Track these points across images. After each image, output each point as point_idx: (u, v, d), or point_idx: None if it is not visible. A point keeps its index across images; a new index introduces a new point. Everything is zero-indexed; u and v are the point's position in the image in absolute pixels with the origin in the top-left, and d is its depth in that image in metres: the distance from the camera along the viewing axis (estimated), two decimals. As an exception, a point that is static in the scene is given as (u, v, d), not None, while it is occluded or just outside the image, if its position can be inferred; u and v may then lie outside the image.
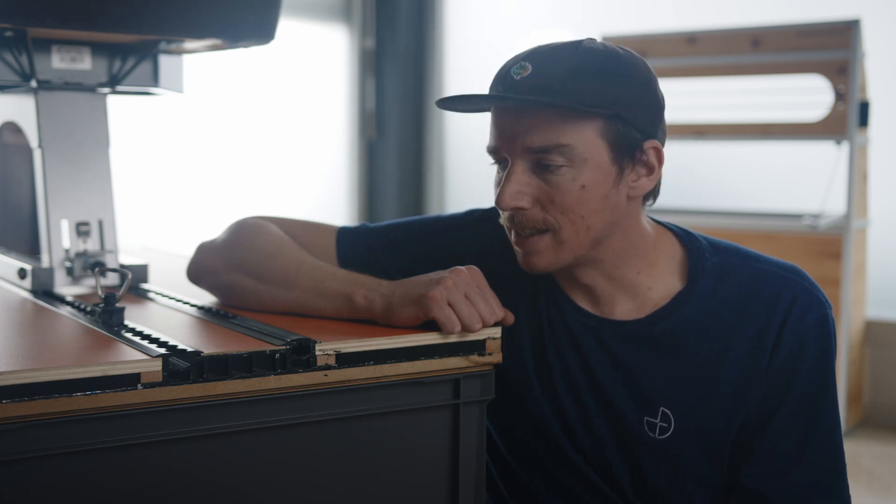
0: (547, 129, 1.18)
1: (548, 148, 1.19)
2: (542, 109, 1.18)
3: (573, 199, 1.20)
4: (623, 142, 1.21)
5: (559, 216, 1.21)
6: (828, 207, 3.86)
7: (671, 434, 1.26)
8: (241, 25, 1.50)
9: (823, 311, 1.25)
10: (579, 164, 1.19)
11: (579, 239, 1.22)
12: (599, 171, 1.20)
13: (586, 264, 1.26)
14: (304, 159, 5.14)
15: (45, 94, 1.52)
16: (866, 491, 3.24)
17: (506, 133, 1.21)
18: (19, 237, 1.71)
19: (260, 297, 1.30)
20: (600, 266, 1.27)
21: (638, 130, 1.21)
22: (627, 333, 1.28)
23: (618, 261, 1.27)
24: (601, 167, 1.20)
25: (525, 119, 1.20)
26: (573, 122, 1.18)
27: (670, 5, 4.64)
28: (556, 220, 1.21)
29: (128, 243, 1.82)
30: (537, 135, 1.19)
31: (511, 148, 1.21)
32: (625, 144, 1.21)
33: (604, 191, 1.21)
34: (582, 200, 1.20)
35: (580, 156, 1.19)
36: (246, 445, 1.07)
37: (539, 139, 1.19)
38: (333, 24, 5.27)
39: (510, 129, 1.21)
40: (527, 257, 1.24)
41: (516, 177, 1.21)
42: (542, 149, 1.19)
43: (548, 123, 1.18)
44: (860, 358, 3.93)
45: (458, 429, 1.19)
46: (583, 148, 1.19)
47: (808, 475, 1.23)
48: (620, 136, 1.20)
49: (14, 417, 0.94)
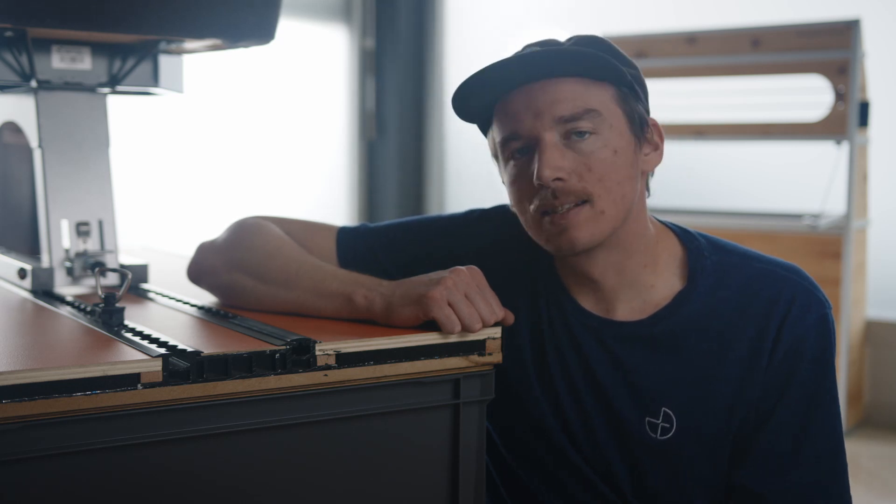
0: (573, 96, 1.20)
1: (578, 115, 1.20)
2: (566, 78, 1.20)
3: (608, 165, 1.21)
4: (634, 113, 1.24)
5: (596, 184, 1.20)
6: (828, 207, 3.86)
7: (673, 434, 1.26)
8: (241, 25, 1.50)
9: (823, 310, 1.25)
10: (606, 130, 1.21)
11: (616, 208, 1.22)
12: (623, 138, 1.23)
13: (606, 247, 1.25)
14: (304, 159, 5.14)
15: (45, 94, 1.52)
16: (866, 491, 3.24)
17: (530, 111, 1.21)
18: (19, 237, 1.71)
19: (260, 297, 1.30)
20: (613, 252, 1.26)
21: (642, 105, 1.26)
22: (628, 334, 1.28)
23: (629, 247, 1.27)
24: (623, 135, 1.23)
25: (549, 90, 1.20)
26: (595, 88, 1.21)
27: (670, 5, 4.64)
28: (595, 188, 1.20)
29: (128, 243, 1.82)
30: (565, 103, 1.20)
31: (538, 123, 1.21)
32: (636, 115, 1.24)
33: (630, 158, 1.23)
34: (616, 166, 1.21)
35: (606, 121, 1.21)
36: (246, 445, 1.07)
37: (568, 107, 1.20)
38: (333, 24, 5.27)
39: (535, 104, 1.21)
40: (569, 232, 1.21)
41: (551, 150, 1.20)
42: (573, 116, 1.20)
43: (573, 91, 1.20)
44: (860, 358, 3.93)
45: (458, 429, 1.19)
46: (608, 114, 1.21)
47: (805, 475, 1.23)
48: (632, 108, 1.24)
49: (14, 417, 0.94)
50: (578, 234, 1.21)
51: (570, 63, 1.20)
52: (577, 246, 1.22)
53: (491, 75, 1.21)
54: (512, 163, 1.25)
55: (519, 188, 1.24)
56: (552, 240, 1.23)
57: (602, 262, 1.27)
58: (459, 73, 5.34)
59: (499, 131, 1.25)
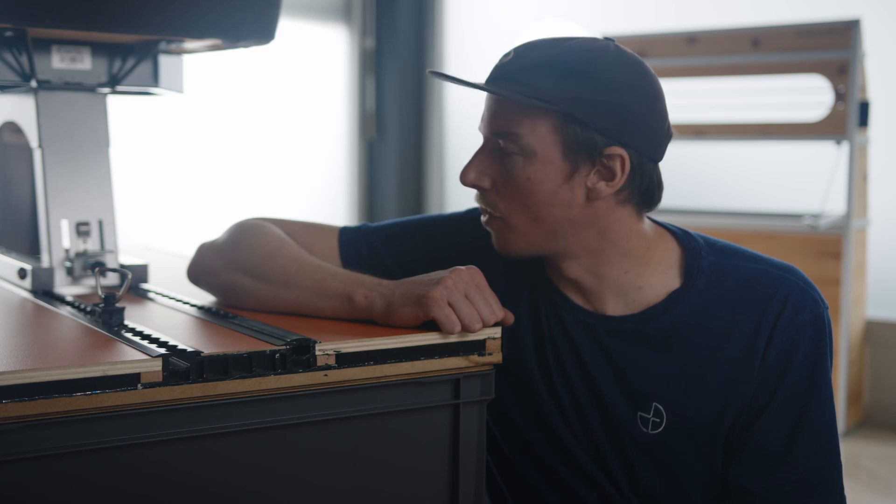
0: (505, 116, 1.23)
1: (502, 134, 1.23)
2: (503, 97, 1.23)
3: (518, 187, 1.23)
4: (577, 142, 1.20)
5: (508, 202, 1.25)
6: (828, 207, 3.87)
7: (663, 430, 1.26)
8: (241, 25, 1.50)
9: (818, 310, 1.25)
10: (529, 155, 1.22)
11: (528, 228, 1.25)
12: (549, 166, 1.22)
13: (564, 256, 1.27)
14: (304, 159, 5.14)
15: (45, 94, 1.52)
16: (866, 491, 3.24)
17: (484, 115, 1.27)
18: (19, 237, 1.71)
19: (260, 297, 1.30)
20: (579, 261, 1.27)
21: (599, 134, 1.20)
22: (620, 329, 1.28)
23: (598, 259, 1.27)
24: (552, 163, 1.22)
25: (494, 105, 1.25)
26: (529, 114, 1.21)
27: (670, 5, 4.64)
28: (506, 206, 1.25)
29: (128, 243, 1.82)
30: (497, 120, 1.24)
31: (483, 130, 1.27)
32: (579, 145, 1.20)
33: (552, 186, 1.22)
34: (526, 191, 1.23)
35: (530, 147, 1.22)
36: (246, 445, 1.07)
37: (497, 124, 1.24)
38: (333, 24, 5.27)
39: (485, 111, 1.27)
40: (493, 237, 1.29)
41: (480, 156, 1.26)
42: (498, 133, 1.24)
43: (507, 111, 1.23)
44: (860, 358, 3.93)
45: (458, 429, 1.19)
46: (533, 140, 1.21)
47: (797, 472, 1.23)
48: (575, 137, 1.20)
49: (14, 417, 0.94)
50: (498, 242, 1.29)
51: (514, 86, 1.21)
52: (502, 252, 1.29)
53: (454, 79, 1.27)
54: None
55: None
56: None
57: (570, 265, 1.29)
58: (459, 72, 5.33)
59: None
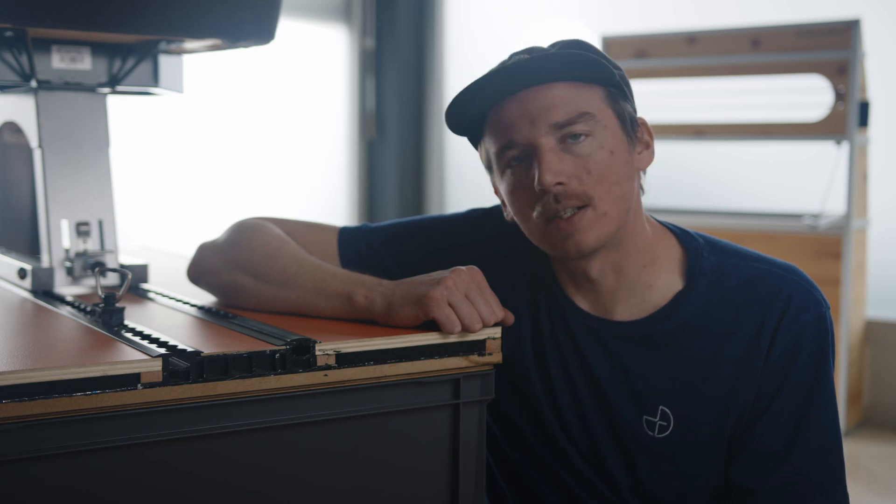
0: (566, 100, 1.21)
1: (573, 119, 1.20)
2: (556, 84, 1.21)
3: (605, 166, 1.21)
4: (624, 112, 1.25)
5: (596, 187, 1.21)
6: (828, 207, 3.87)
7: (670, 433, 1.26)
8: (241, 25, 1.50)
9: (820, 310, 1.25)
10: (601, 132, 1.22)
11: (617, 208, 1.23)
12: (617, 138, 1.23)
13: (606, 247, 1.25)
14: (304, 159, 5.14)
15: (45, 94, 1.52)
16: (866, 491, 3.24)
17: (524, 119, 1.21)
18: (19, 237, 1.71)
19: (260, 296, 1.30)
20: (615, 250, 1.26)
21: (630, 105, 1.26)
22: (626, 334, 1.28)
23: (623, 249, 1.27)
24: (617, 135, 1.23)
25: (541, 98, 1.21)
26: (586, 91, 1.21)
27: (670, 5, 4.64)
28: (595, 190, 1.21)
29: (128, 243, 1.82)
30: (559, 108, 1.20)
31: (534, 131, 1.21)
32: (626, 115, 1.25)
33: (626, 157, 1.24)
34: (613, 166, 1.22)
35: (600, 123, 1.22)
36: (246, 445, 1.07)
37: (562, 112, 1.20)
38: (333, 24, 5.27)
39: (529, 111, 1.21)
40: (575, 237, 1.21)
41: (549, 155, 1.20)
42: (568, 120, 1.20)
43: (565, 96, 1.21)
44: (860, 358, 3.93)
45: (458, 429, 1.19)
46: (601, 115, 1.22)
47: (799, 472, 1.23)
48: (622, 107, 1.25)
49: (14, 417, 0.94)
50: (585, 238, 1.21)
51: (561, 67, 1.21)
52: (585, 249, 1.22)
53: (481, 86, 1.22)
54: (509, 171, 1.25)
55: (520, 196, 1.23)
56: (559, 245, 1.23)
57: (601, 262, 1.27)
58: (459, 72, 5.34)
59: (493, 142, 1.25)
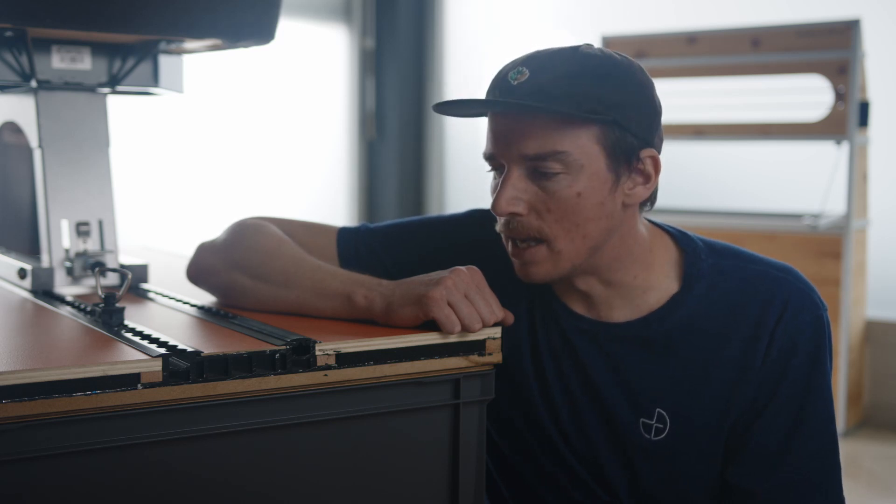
0: (543, 135, 1.17)
1: (544, 155, 1.17)
2: (539, 115, 1.17)
3: (569, 206, 1.18)
4: (620, 149, 1.19)
5: (554, 225, 1.19)
6: (828, 207, 3.87)
7: (667, 435, 1.26)
8: (241, 25, 1.50)
9: (817, 311, 1.25)
10: (576, 172, 1.18)
11: (575, 248, 1.21)
12: (596, 178, 1.19)
13: (583, 272, 1.26)
14: (304, 159, 5.14)
15: (45, 94, 1.52)
16: (866, 491, 3.24)
17: (502, 139, 1.20)
18: (19, 237, 1.71)
19: (260, 296, 1.30)
20: (597, 273, 1.26)
21: (635, 137, 1.20)
22: (622, 335, 1.28)
23: (614, 266, 1.26)
24: (598, 174, 1.19)
25: (521, 125, 1.18)
26: (570, 128, 1.17)
27: (670, 5, 4.64)
28: (552, 229, 1.20)
29: (128, 243, 1.82)
30: (534, 141, 1.17)
31: (507, 154, 1.20)
32: (621, 151, 1.19)
33: (599, 198, 1.19)
34: (577, 208, 1.19)
35: (576, 163, 1.17)
36: (246, 445, 1.07)
37: (535, 146, 1.17)
38: (333, 24, 5.27)
39: (507, 135, 1.20)
40: (524, 268, 1.23)
41: (512, 182, 1.19)
42: (539, 156, 1.18)
43: (544, 130, 1.17)
44: (860, 358, 3.93)
45: (458, 429, 1.19)
46: (579, 155, 1.17)
47: (796, 473, 1.23)
48: (617, 143, 1.19)
49: (14, 417, 0.94)
50: (535, 271, 1.23)
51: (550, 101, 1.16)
52: (535, 281, 1.24)
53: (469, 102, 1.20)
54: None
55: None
56: (514, 265, 1.25)
57: (585, 280, 1.27)
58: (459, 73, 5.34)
59: (485, 143, 1.25)
